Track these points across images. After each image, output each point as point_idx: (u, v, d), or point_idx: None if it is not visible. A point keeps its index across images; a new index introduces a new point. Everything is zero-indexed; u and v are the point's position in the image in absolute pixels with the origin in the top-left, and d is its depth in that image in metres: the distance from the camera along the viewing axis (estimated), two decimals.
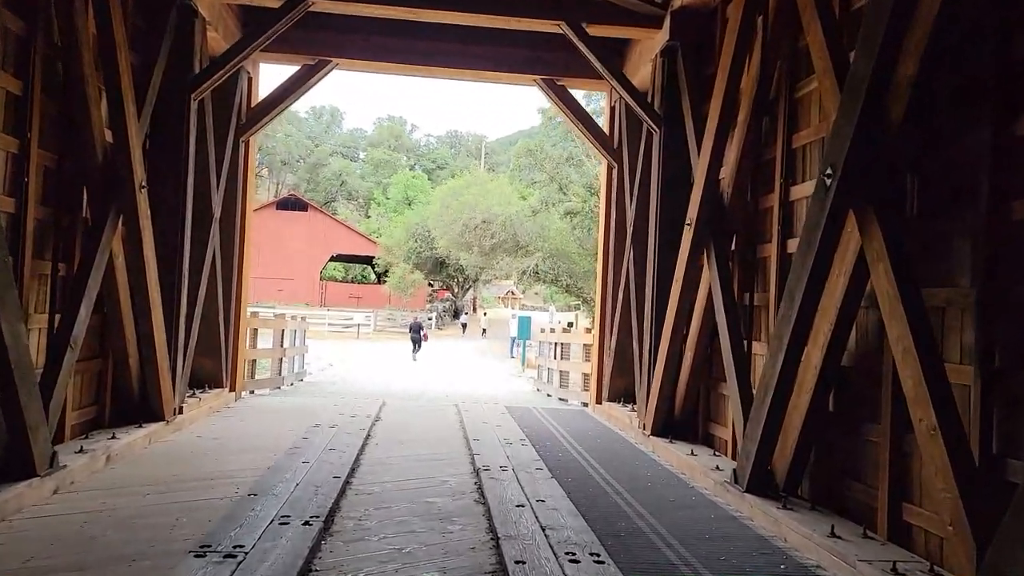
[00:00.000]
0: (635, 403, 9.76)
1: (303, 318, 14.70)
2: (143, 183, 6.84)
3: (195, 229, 8.56)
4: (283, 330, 12.37)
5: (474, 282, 56.09)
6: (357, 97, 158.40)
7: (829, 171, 4.70)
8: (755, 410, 5.58)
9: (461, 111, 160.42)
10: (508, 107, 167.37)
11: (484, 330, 44.12)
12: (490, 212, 40.57)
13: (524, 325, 25.54)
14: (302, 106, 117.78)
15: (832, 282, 4.92)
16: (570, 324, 47.44)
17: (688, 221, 7.34)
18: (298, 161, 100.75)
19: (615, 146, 10.63)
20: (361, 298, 57.31)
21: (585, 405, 11.62)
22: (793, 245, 6.14)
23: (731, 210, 7.12)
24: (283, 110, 10.57)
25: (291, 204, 62.78)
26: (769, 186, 6.66)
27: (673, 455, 7.29)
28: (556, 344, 12.99)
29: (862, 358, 5.20)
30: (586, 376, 11.69)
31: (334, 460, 6.55)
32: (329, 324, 43.29)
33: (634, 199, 9.72)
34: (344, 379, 16.62)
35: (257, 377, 11.92)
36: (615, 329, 10.27)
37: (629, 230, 9.85)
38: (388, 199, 71.10)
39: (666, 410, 8.05)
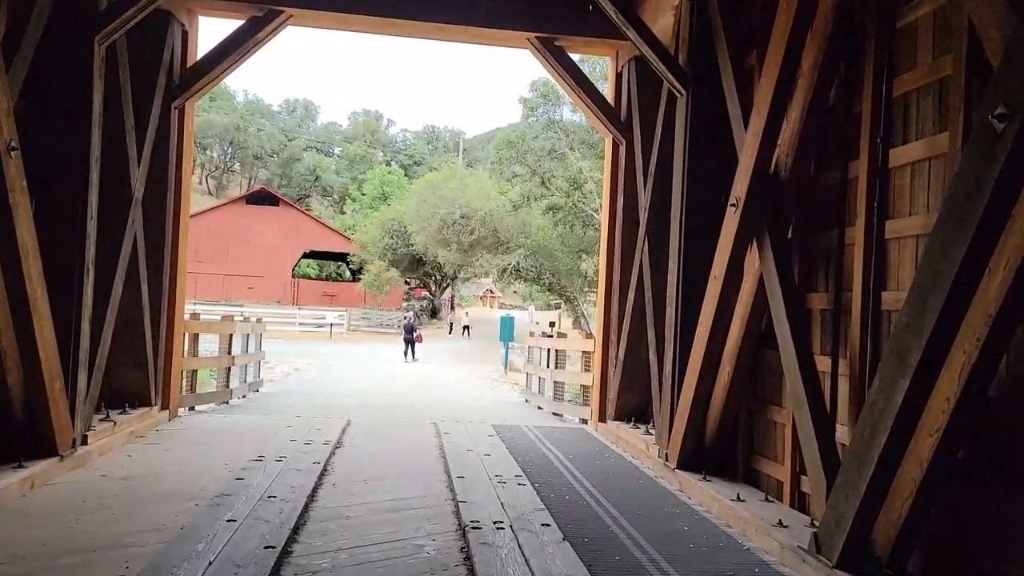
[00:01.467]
0: (649, 423, 8.18)
1: (259, 319, 12.92)
2: (12, 143, 5.10)
3: (107, 212, 6.83)
4: (231, 334, 10.60)
5: (452, 280, 54.32)
6: (332, 91, 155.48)
7: (1003, 109, 3.12)
8: (855, 456, 4.00)
9: (439, 106, 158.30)
10: (487, 102, 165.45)
11: (466, 329, 42.29)
12: (469, 207, 38.86)
13: (507, 326, 23.89)
14: (275, 99, 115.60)
15: (990, 280, 3.34)
16: (552, 324, 45.97)
17: (732, 201, 5.74)
18: (271, 156, 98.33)
19: (622, 119, 9.03)
20: (335, 296, 55.27)
21: (584, 422, 10.01)
22: (895, 229, 4.57)
23: (789, 186, 5.55)
24: (227, 72, 8.82)
25: (261, 198, 60.60)
26: (848, 152, 5.09)
27: (712, 499, 5.70)
28: (549, 351, 11.37)
29: (1017, 389, 3.64)
30: (585, 389, 10.07)
31: (272, 516, 4.87)
32: (300, 324, 41.34)
33: (649, 180, 8.13)
34: (309, 388, 14.86)
35: (200, 391, 10.17)
36: (623, 335, 8.67)
37: (643, 217, 8.25)
38: (363, 195, 69.17)
39: (695, 437, 6.47)
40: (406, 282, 53.94)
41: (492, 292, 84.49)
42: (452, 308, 61.86)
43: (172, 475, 6.13)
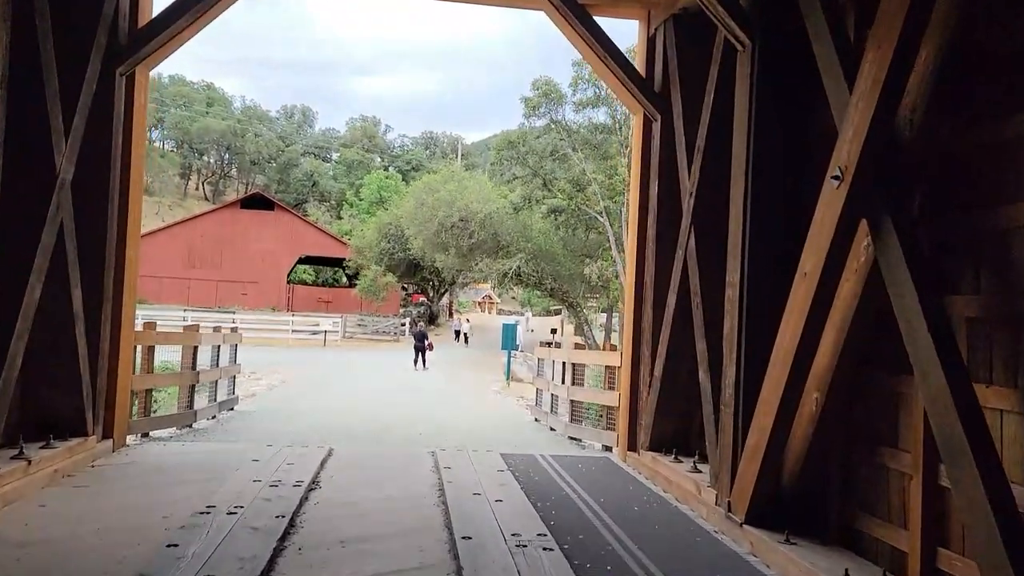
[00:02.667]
0: (694, 456, 6.70)
1: (234, 328, 11.43)
2: None
3: (18, 196, 5.37)
4: (195, 346, 9.09)
5: (450, 285, 52.82)
6: (330, 97, 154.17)
7: None
8: None
9: (436, 113, 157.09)
10: (486, 109, 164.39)
11: (465, 336, 40.69)
12: (468, 210, 37.33)
13: (509, 334, 22.39)
14: (273, 104, 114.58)
15: None
16: (553, 331, 44.40)
17: (835, 173, 4.28)
18: (268, 161, 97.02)
19: (656, 89, 7.58)
20: (331, 302, 53.72)
21: (608, 450, 8.54)
22: None
23: (917, 150, 4.11)
24: (188, 32, 7.37)
25: (256, 202, 59.13)
26: (1014, 99, 3.65)
27: (805, 574, 4.23)
28: (565, 364, 9.87)
29: None
30: (609, 410, 8.58)
31: None
32: (294, 331, 39.83)
33: (696, 159, 6.67)
34: (293, 404, 13.35)
35: (158, 413, 8.67)
36: (660, 348, 7.20)
37: (687, 204, 6.80)
38: (361, 200, 67.77)
39: (770, 483, 5.01)
40: (403, 288, 52.44)
41: (491, 298, 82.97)
42: (451, 314, 60.33)
43: (87, 537, 4.64)
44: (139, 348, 7.89)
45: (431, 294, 53.18)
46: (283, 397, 14.67)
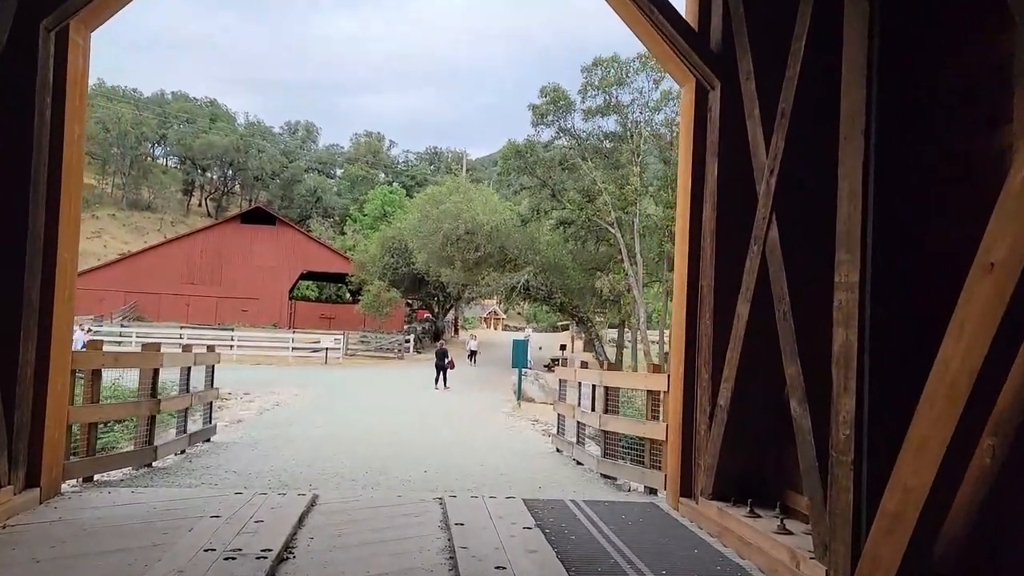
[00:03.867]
0: (775, 508, 5.20)
1: (211, 347, 9.97)
2: None
3: None
4: (155, 368, 7.56)
5: (456, 300, 51.34)
6: (334, 115, 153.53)
7: None
8: None
9: (440, 131, 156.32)
10: (491, 125, 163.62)
11: (473, 354, 39.12)
12: (475, 221, 35.89)
13: (520, 350, 20.88)
14: (276, 120, 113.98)
15: None
16: (563, 347, 42.78)
17: None
18: (272, 177, 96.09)
19: (715, 49, 6.15)
20: (334, 319, 52.29)
21: (652, 492, 7.04)
22: None
23: None
24: None
25: (258, 217, 57.92)
26: None
27: None
28: (595, 388, 8.36)
29: None
30: (654, 444, 7.07)
31: None
32: (294, 349, 38.34)
33: (779, 128, 5.20)
34: (282, 432, 11.85)
35: (108, 452, 7.21)
36: (728, 369, 5.71)
37: (766, 185, 5.32)
38: (365, 215, 66.57)
39: (920, 563, 3.52)
40: (407, 304, 50.98)
41: (496, 314, 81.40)
42: (456, 331, 58.72)
43: None
44: (77, 373, 6.42)
45: (436, 310, 51.72)
46: (273, 423, 13.18)
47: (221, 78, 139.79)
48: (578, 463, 9.04)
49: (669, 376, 6.61)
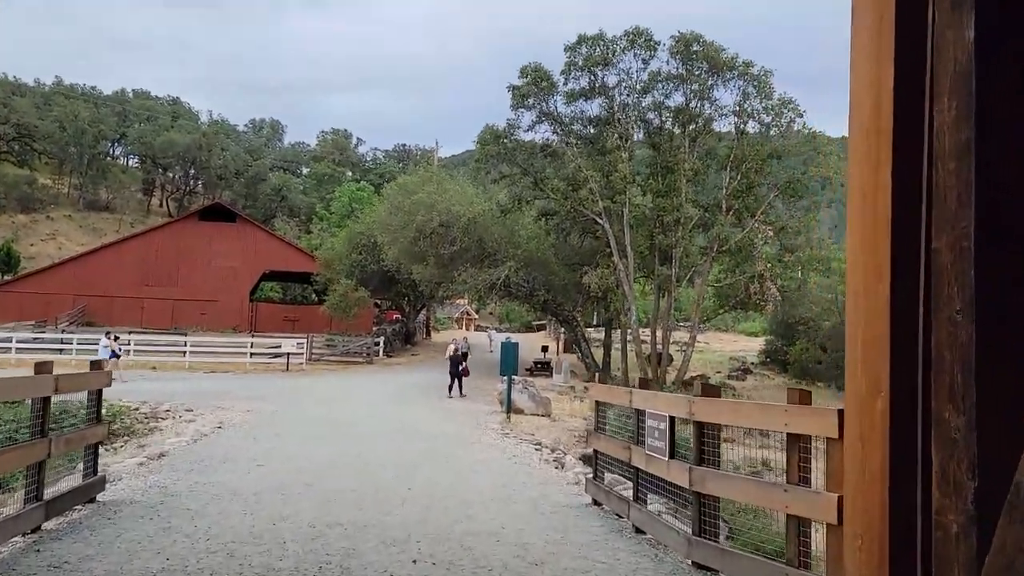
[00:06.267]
0: None
1: (100, 364, 6.89)
2: None
3: None
4: None
5: (428, 300, 48.23)
6: (299, 114, 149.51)
7: None
8: None
9: (409, 131, 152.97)
10: (460, 122, 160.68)
11: (464, 357, 35.90)
12: (450, 213, 32.85)
13: (509, 355, 17.90)
14: (241, 119, 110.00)
15: None
16: (544, 349, 39.79)
17: None
18: (235, 176, 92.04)
19: None
20: (298, 320, 48.86)
21: None
22: None
23: None
24: None
25: (217, 213, 54.36)
26: None
27: None
28: (673, 421, 5.10)
29: None
30: (801, 524, 4.10)
31: None
32: (252, 355, 34.96)
33: None
34: (210, 478, 8.75)
35: None
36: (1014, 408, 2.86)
37: None
38: (331, 213, 63.16)
39: None
40: (376, 304, 47.78)
41: (468, 314, 78.35)
42: (428, 333, 55.62)
43: None
44: None
45: (407, 310, 48.55)
46: (203, 459, 10.07)
47: (183, 78, 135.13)
48: (639, 531, 5.98)
49: (842, 414, 3.72)
